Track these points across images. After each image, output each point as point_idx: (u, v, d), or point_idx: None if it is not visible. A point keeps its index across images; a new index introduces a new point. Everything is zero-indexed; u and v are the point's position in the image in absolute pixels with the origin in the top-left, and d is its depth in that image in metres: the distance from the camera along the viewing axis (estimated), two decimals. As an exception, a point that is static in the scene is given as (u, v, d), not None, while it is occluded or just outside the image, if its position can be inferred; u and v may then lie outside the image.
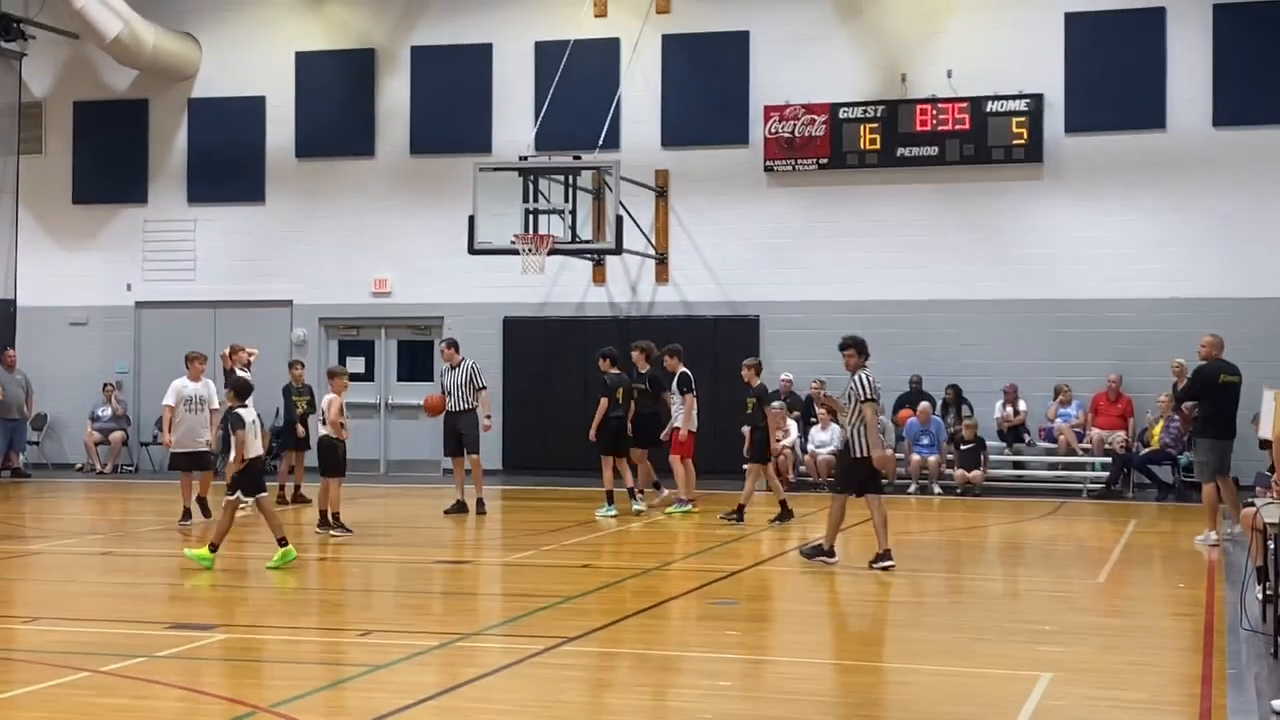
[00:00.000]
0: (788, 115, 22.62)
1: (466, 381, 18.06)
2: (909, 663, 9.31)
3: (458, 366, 18.14)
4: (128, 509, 20.02)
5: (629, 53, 23.23)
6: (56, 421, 25.50)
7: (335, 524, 15.75)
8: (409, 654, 9.42)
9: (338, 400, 15.82)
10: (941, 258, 22.24)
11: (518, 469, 23.35)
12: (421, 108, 24.23)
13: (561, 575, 13.26)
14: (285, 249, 24.75)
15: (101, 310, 25.41)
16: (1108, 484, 20.51)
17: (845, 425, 13.40)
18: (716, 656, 9.54)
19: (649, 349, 18.32)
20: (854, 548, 14.62)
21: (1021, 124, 21.80)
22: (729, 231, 23.04)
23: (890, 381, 21.96)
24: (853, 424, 13.14)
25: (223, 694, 8.19)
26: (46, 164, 25.71)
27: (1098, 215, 21.74)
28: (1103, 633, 10.43)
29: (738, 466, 21.59)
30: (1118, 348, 21.48)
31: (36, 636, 10.36)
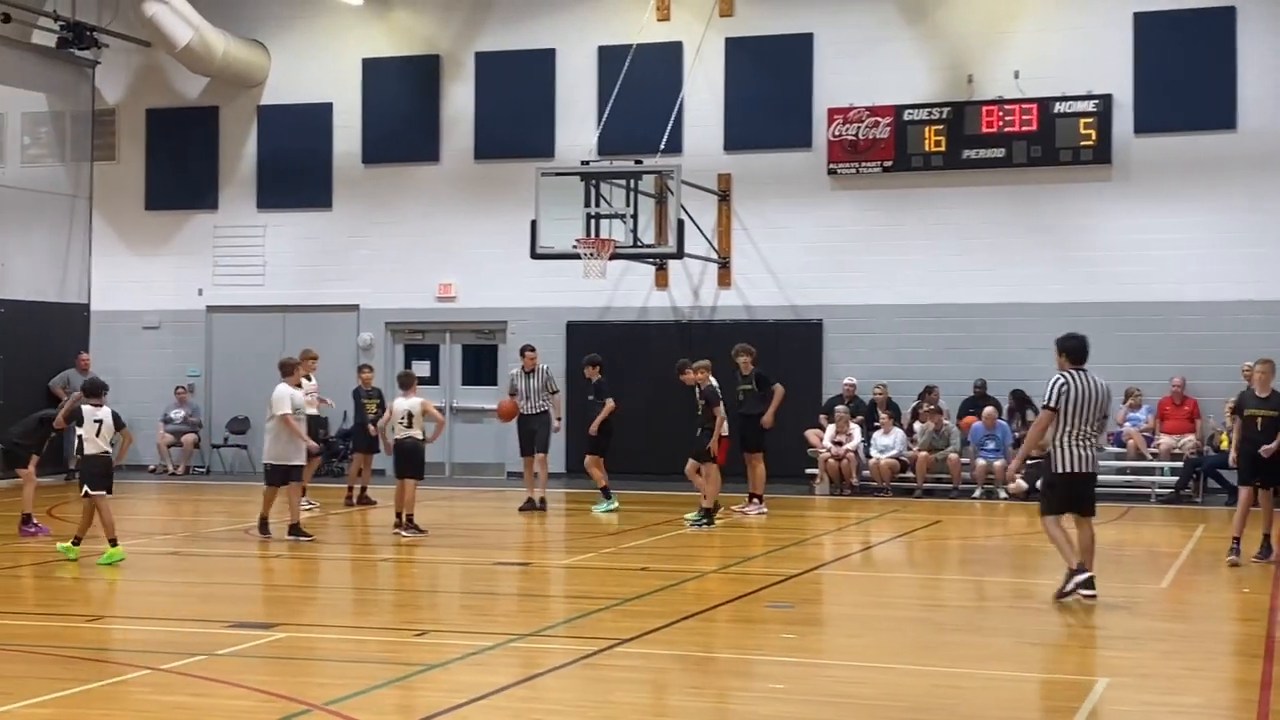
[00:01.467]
0: (851, 118, 22.54)
1: (542, 385, 19.09)
2: (964, 667, 9.26)
3: (534, 371, 19.06)
4: (198, 510, 20.27)
5: (691, 56, 23.24)
6: (129, 424, 25.57)
7: (408, 525, 15.94)
8: (464, 654, 9.49)
9: (427, 402, 16.56)
10: (1007, 260, 22.07)
11: (580, 472, 23.34)
12: (485, 113, 24.37)
13: (619, 578, 13.30)
14: (352, 254, 24.98)
15: (173, 314, 25.76)
16: (1176, 489, 20.26)
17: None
18: (771, 659, 9.54)
19: (753, 351, 18.46)
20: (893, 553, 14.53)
21: (1090, 125, 21.59)
22: (791, 235, 23.00)
23: (955, 386, 21.92)
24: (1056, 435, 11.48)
25: (279, 692, 8.28)
26: (120, 171, 26.11)
27: (1166, 217, 21.49)
28: (1163, 638, 10.33)
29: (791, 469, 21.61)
30: (1186, 351, 21.21)
31: (101, 634, 10.54)
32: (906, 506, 19.72)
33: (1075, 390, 11.37)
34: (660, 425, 21.47)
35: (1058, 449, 11.41)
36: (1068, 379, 11.43)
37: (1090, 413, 11.40)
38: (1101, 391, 11.51)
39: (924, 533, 17.00)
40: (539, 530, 17.87)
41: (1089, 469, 11.53)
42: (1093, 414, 11.41)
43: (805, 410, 21.91)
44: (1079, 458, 11.42)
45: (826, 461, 21.29)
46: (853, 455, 21.21)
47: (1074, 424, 11.35)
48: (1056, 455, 11.44)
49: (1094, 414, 11.42)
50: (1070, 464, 11.42)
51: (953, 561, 15.35)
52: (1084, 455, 11.43)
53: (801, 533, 17.25)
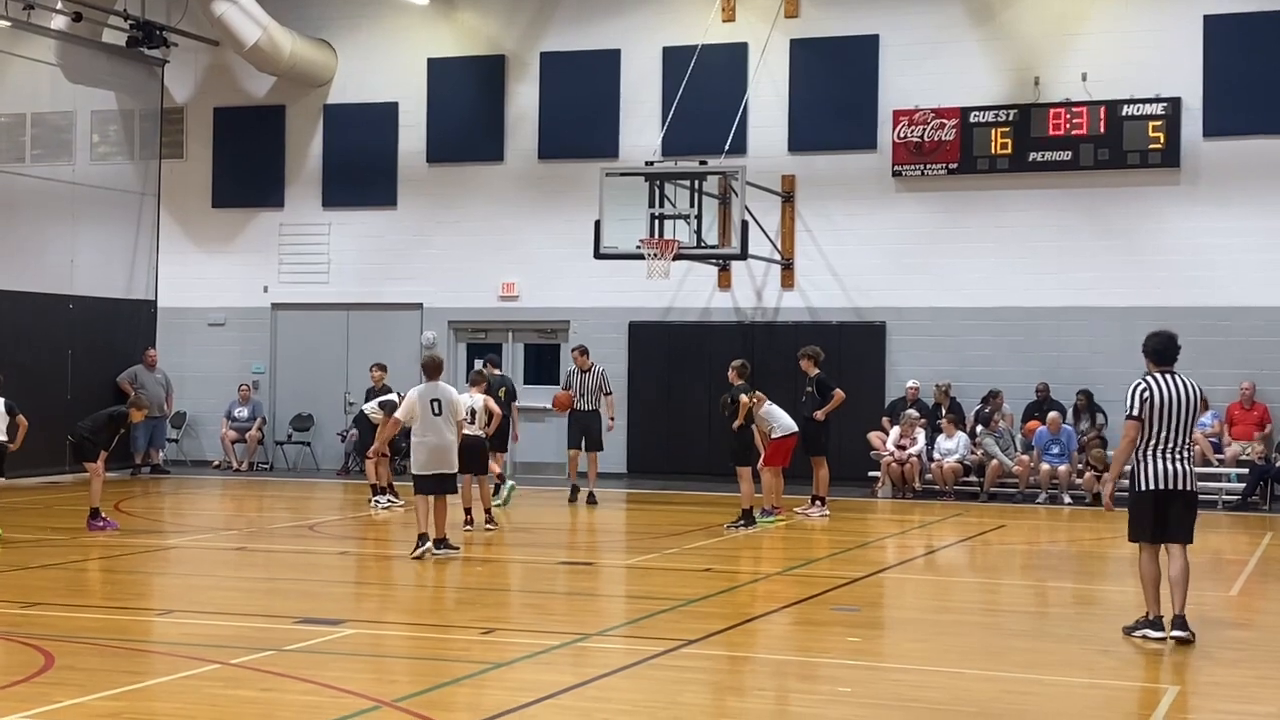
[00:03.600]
0: (917, 120, 22.44)
1: (596, 386, 20.02)
2: (1031, 673, 9.20)
3: (589, 371, 20.04)
4: (262, 506, 20.46)
5: (756, 57, 23.21)
6: (195, 419, 26.15)
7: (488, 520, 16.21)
8: (530, 653, 9.53)
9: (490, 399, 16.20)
10: (1073, 264, 21.89)
11: (641, 472, 23.45)
12: (550, 113, 24.44)
13: (683, 578, 13.29)
14: (416, 252, 25.12)
15: (239, 311, 26.00)
16: (1244, 495, 20.04)
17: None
18: (836, 662, 9.52)
19: (816, 354, 18.36)
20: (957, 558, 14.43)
21: (1158, 128, 21.38)
22: (855, 237, 22.92)
23: (1018, 389, 21.77)
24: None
25: (347, 688, 8.35)
26: (187, 168, 26.38)
27: (1234, 221, 21.24)
28: (1233, 646, 10.22)
29: (854, 472, 21.57)
30: (1254, 356, 20.97)
31: (170, 629, 10.65)
32: (969, 510, 19.62)
33: (1160, 396, 10.12)
34: (722, 426, 21.41)
35: (1141, 463, 10.14)
36: (1150, 384, 10.19)
37: (1179, 421, 10.11)
38: (1193, 396, 10.23)
39: (988, 537, 16.90)
40: (601, 529, 17.92)
41: (1181, 485, 10.11)
42: (1182, 422, 10.12)
43: (868, 413, 21.84)
44: (1168, 473, 10.08)
45: (889, 465, 21.20)
46: (916, 459, 21.12)
47: (1159, 435, 10.09)
48: (1140, 470, 10.15)
49: (1184, 422, 10.13)
50: (1155, 479, 10.09)
51: (1017, 567, 15.25)
52: (1173, 470, 10.09)
53: (865, 536, 17.19)
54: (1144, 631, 10.15)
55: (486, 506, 16.49)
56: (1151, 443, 10.13)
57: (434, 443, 14.01)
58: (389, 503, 18.63)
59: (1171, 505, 10.15)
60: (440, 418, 13.98)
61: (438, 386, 14.13)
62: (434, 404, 13.98)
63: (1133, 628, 10.27)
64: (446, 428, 14.03)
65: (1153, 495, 10.11)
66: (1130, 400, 10.24)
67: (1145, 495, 10.14)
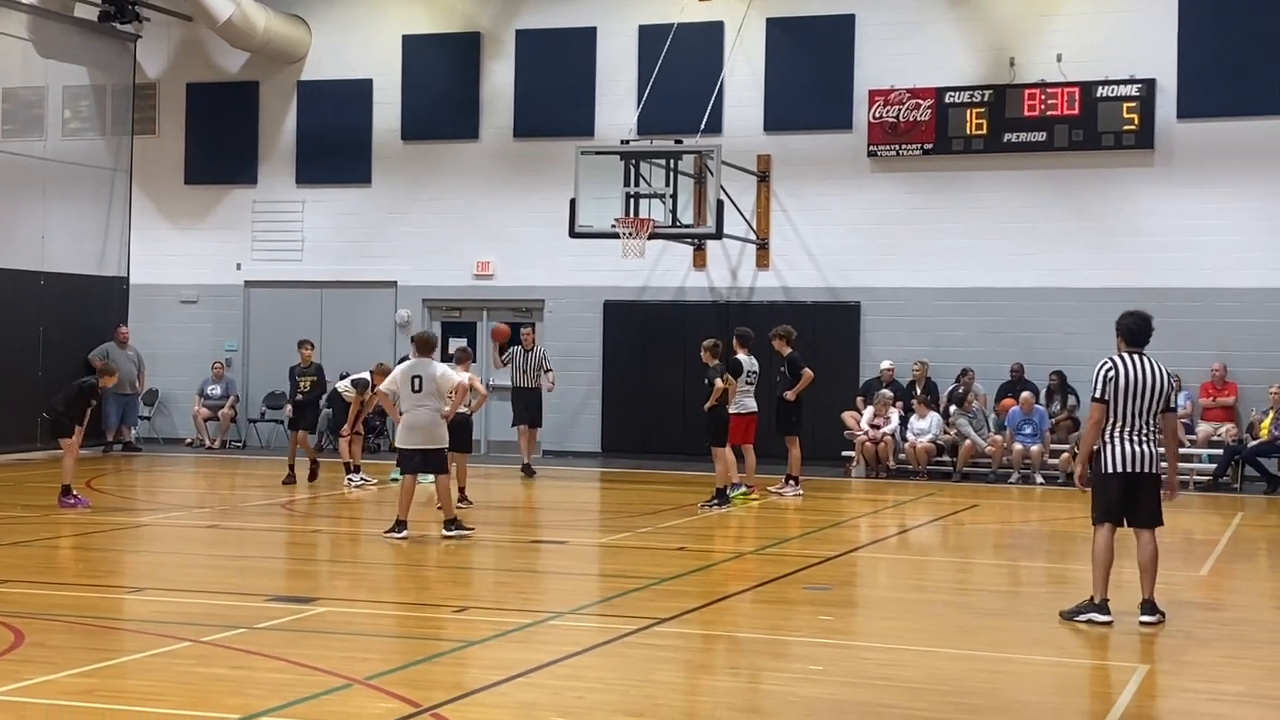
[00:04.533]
0: (892, 100, 22.43)
1: (538, 364, 20.80)
2: (1003, 651, 9.24)
3: (532, 349, 20.81)
4: (235, 484, 20.40)
5: (732, 36, 23.15)
6: (167, 397, 26.04)
7: (460, 498, 16.15)
8: (503, 631, 9.52)
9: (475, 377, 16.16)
10: (1048, 245, 21.94)
11: (616, 451, 23.45)
12: (525, 91, 24.35)
13: (656, 557, 13.32)
14: (390, 230, 25.03)
15: (211, 289, 25.88)
16: (1215, 476, 20.14)
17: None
18: (809, 640, 9.54)
19: (789, 334, 18.33)
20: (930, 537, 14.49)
21: (1133, 109, 21.42)
22: (831, 217, 22.91)
23: (992, 370, 21.83)
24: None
25: (319, 666, 8.33)
26: (159, 144, 26.21)
27: (1208, 203, 21.31)
28: (1203, 625, 10.28)
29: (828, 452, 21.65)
30: (1226, 338, 21.06)
31: (141, 606, 10.62)
32: (943, 490, 19.68)
33: (1126, 377, 9.94)
34: (696, 406, 21.41)
35: (1106, 444, 9.96)
36: (1117, 364, 9.99)
37: (1146, 403, 9.91)
38: (1161, 378, 10.01)
39: (961, 516, 16.96)
40: (575, 508, 17.92)
41: (1145, 468, 9.93)
42: (1150, 404, 9.92)
43: (842, 393, 21.88)
44: (1133, 455, 9.90)
45: (863, 444, 21.25)
46: (890, 439, 21.17)
47: (1126, 416, 9.91)
48: (1105, 452, 9.96)
49: (1152, 405, 9.93)
50: (1120, 462, 9.90)
51: (989, 546, 15.31)
52: (1139, 452, 9.91)
53: (838, 515, 17.24)
54: (1089, 615, 9.94)
55: (461, 484, 16.45)
56: (1118, 424, 9.97)
57: (409, 420, 13.93)
58: (362, 481, 18.60)
59: (1138, 489, 10.01)
60: (418, 394, 13.84)
61: (421, 363, 14.02)
62: (415, 380, 13.87)
63: (1074, 611, 10.06)
64: (424, 405, 13.86)
65: (1119, 478, 9.96)
66: (1095, 382, 10.06)
67: (1111, 478, 9.98)
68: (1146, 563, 10.04)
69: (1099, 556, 10.01)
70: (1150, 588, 10.05)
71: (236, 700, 7.54)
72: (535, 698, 7.86)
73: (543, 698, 7.85)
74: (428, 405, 13.89)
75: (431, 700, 7.57)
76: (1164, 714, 7.86)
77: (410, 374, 13.93)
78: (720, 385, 16.91)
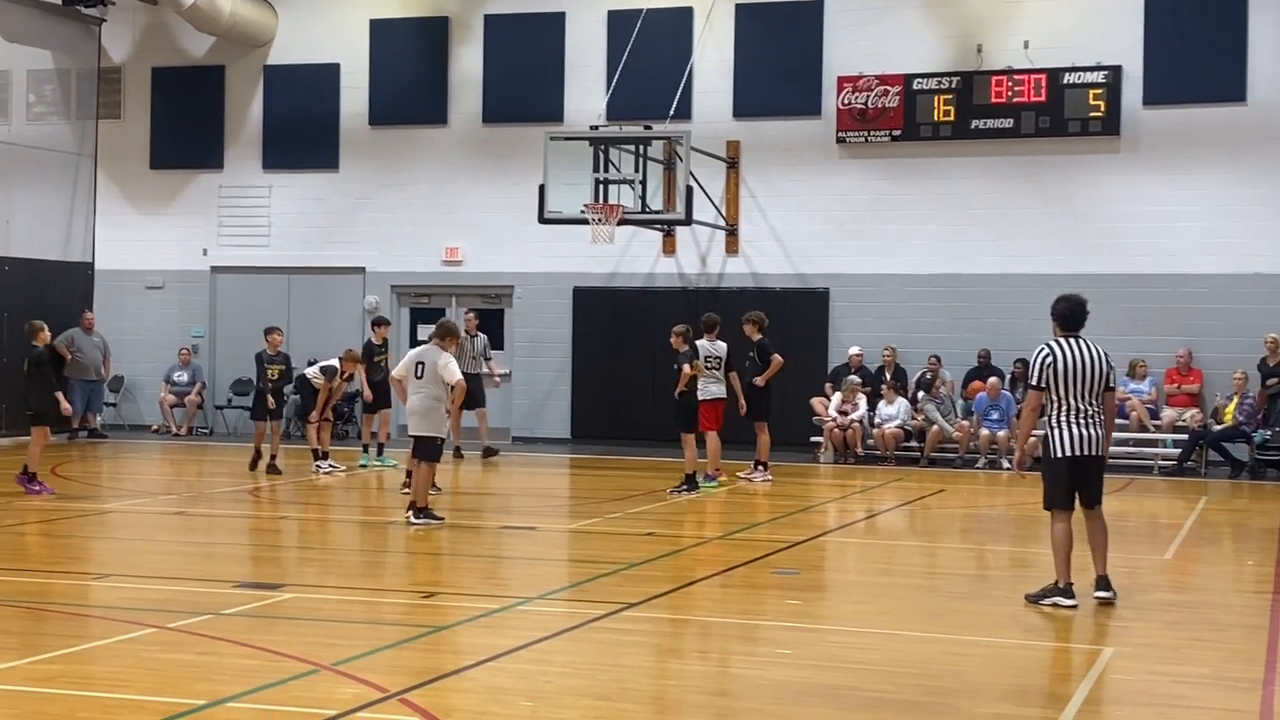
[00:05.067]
0: (861, 86, 22.46)
1: (481, 351, 21.26)
2: (969, 634, 9.28)
3: (476, 335, 21.08)
4: (201, 470, 20.31)
5: (701, 22, 23.13)
6: (133, 383, 25.90)
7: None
8: (471, 616, 9.52)
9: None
10: (1014, 231, 22.02)
11: (585, 437, 23.44)
12: (494, 76, 24.28)
13: (625, 542, 13.32)
14: (358, 216, 24.94)
15: (177, 275, 25.74)
16: (1179, 461, 20.27)
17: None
18: (776, 624, 9.57)
19: (760, 320, 18.33)
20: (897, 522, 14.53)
21: (1099, 96, 21.51)
22: (799, 203, 22.94)
23: (960, 356, 21.92)
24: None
25: (287, 652, 8.30)
26: (125, 129, 26.04)
27: (1174, 189, 21.43)
28: (1167, 608, 10.36)
29: (796, 437, 21.69)
30: (1192, 323, 21.20)
31: (108, 593, 10.56)
32: (910, 475, 19.75)
33: (1064, 362, 9.91)
34: (666, 392, 21.43)
35: (1052, 430, 9.97)
36: (1053, 350, 9.97)
37: (1086, 387, 9.90)
38: (1099, 362, 9.97)
39: (928, 501, 17.03)
40: (544, 494, 17.91)
41: (1092, 450, 9.98)
42: (1090, 388, 9.91)
43: (811, 379, 21.92)
44: (1081, 438, 9.92)
45: (831, 430, 21.30)
46: (858, 424, 21.23)
47: (1068, 401, 9.91)
48: (1052, 437, 9.97)
49: (1092, 388, 9.92)
50: (1068, 446, 9.93)
51: (956, 530, 15.38)
52: (1086, 435, 9.94)
53: (806, 500, 17.29)
54: (1054, 600, 9.99)
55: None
56: (1061, 409, 9.97)
57: (411, 404, 14.06)
58: (330, 468, 18.54)
59: (1087, 471, 10.05)
60: (419, 380, 13.94)
61: (429, 350, 14.11)
62: (419, 366, 13.99)
63: (1039, 595, 10.10)
64: (423, 391, 13.92)
65: (1068, 462, 9.97)
66: (1032, 369, 10.07)
67: (1060, 462, 9.99)
68: (1098, 540, 10.17)
69: (1059, 542, 10.07)
70: (1103, 564, 10.16)
71: (203, 686, 7.52)
72: (503, 682, 7.86)
73: (511, 682, 7.85)
74: (425, 391, 13.92)
75: (399, 685, 7.56)
76: (1128, 696, 7.91)
77: (416, 360, 14.08)
78: (688, 371, 16.92)
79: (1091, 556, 10.20)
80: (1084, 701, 7.62)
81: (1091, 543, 10.18)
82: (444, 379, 13.85)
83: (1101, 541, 10.17)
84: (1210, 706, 7.64)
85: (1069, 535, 10.07)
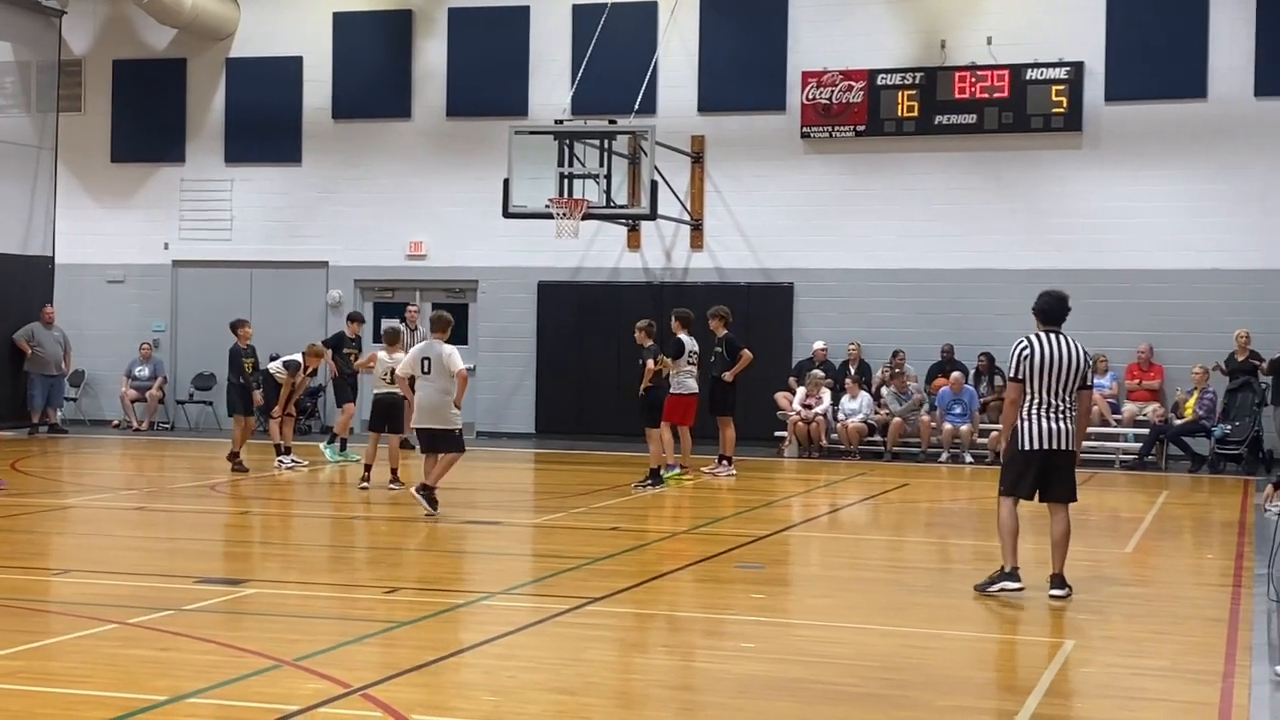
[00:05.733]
0: (825, 81, 22.50)
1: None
2: (933, 628, 9.32)
3: (416, 329, 20.58)
4: (163, 465, 20.19)
5: (666, 17, 23.12)
6: (93, 378, 25.72)
7: (393, 479, 16.23)
8: (434, 611, 9.49)
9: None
10: (978, 226, 22.11)
11: (550, 432, 23.42)
12: (458, 70, 24.21)
13: (590, 537, 13.32)
14: (321, 210, 24.83)
15: (138, 269, 25.57)
16: (1140, 455, 20.40)
17: None
18: (741, 619, 9.57)
19: (726, 315, 18.36)
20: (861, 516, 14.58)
21: (1061, 92, 21.62)
22: (764, 198, 22.97)
23: (923, 351, 22.00)
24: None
25: (248, 647, 8.26)
26: (85, 122, 25.84)
27: (1136, 185, 21.56)
28: (1128, 601, 10.42)
29: (760, 432, 21.71)
30: (1153, 319, 21.34)
31: (68, 588, 10.48)
32: (874, 470, 19.82)
33: (1041, 356, 10.04)
34: (630, 386, 21.44)
35: (1023, 421, 10.08)
36: (1033, 343, 10.12)
37: (1062, 382, 10.03)
38: (1077, 357, 10.12)
39: (891, 495, 17.09)
40: (509, 489, 17.88)
41: (1062, 445, 10.06)
42: (1065, 383, 10.04)
43: (775, 373, 21.96)
44: (1050, 431, 10.03)
45: (795, 424, 21.35)
46: (822, 419, 21.28)
47: (1041, 394, 10.03)
48: (1021, 429, 10.07)
49: (1067, 383, 10.04)
50: (1037, 439, 10.02)
51: (920, 524, 15.44)
52: (1054, 429, 10.04)
53: (770, 494, 17.32)
54: (1001, 584, 10.13)
55: (394, 466, 16.42)
56: (1034, 402, 10.08)
57: (419, 400, 14.15)
58: (293, 463, 18.46)
59: (1054, 465, 10.14)
60: (427, 375, 14.02)
61: (431, 344, 14.20)
62: (424, 361, 14.07)
63: (987, 583, 10.22)
64: (432, 385, 13.99)
65: (1036, 454, 10.08)
66: (1011, 362, 10.21)
67: (1027, 454, 10.10)
68: (1059, 538, 10.21)
69: (1005, 526, 10.20)
70: (1061, 562, 10.22)
71: (164, 682, 7.47)
72: (467, 677, 7.84)
73: (475, 677, 7.83)
74: (435, 385, 14.01)
75: (361, 681, 7.53)
76: (1088, 687, 7.96)
77: (421, 355, 14.16)
78: (652, 366, 16.92)
79: (1051, 553, 10.28)
80: (1045, 694, 7.66)
81: (1053, 539, 10.25)
82: (449, 369, 13.90)
83: (1063, 540, 10.21)
84: (1170, 698, 7.69)
85: (1015, 519, 10.23)
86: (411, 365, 14.28)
